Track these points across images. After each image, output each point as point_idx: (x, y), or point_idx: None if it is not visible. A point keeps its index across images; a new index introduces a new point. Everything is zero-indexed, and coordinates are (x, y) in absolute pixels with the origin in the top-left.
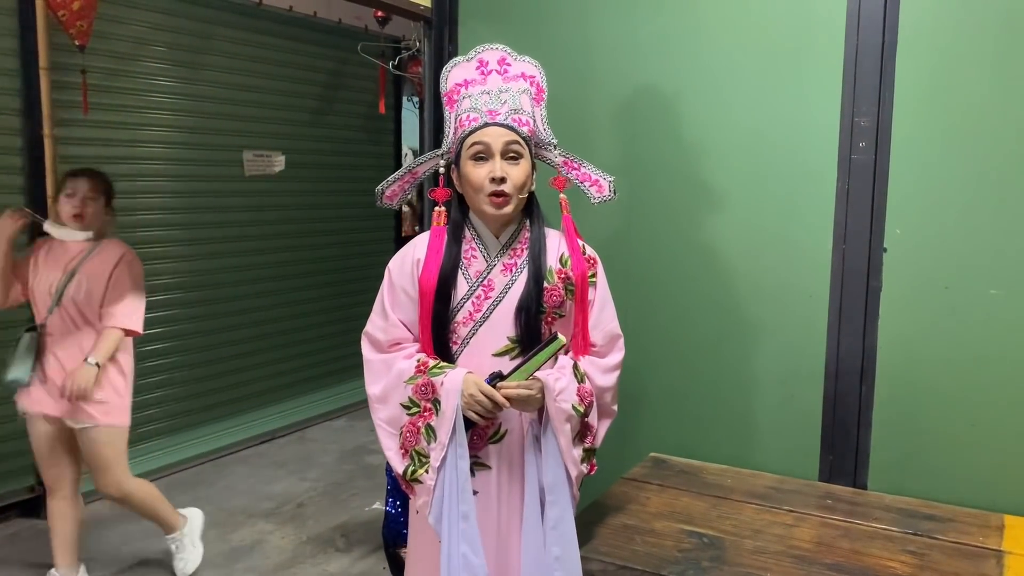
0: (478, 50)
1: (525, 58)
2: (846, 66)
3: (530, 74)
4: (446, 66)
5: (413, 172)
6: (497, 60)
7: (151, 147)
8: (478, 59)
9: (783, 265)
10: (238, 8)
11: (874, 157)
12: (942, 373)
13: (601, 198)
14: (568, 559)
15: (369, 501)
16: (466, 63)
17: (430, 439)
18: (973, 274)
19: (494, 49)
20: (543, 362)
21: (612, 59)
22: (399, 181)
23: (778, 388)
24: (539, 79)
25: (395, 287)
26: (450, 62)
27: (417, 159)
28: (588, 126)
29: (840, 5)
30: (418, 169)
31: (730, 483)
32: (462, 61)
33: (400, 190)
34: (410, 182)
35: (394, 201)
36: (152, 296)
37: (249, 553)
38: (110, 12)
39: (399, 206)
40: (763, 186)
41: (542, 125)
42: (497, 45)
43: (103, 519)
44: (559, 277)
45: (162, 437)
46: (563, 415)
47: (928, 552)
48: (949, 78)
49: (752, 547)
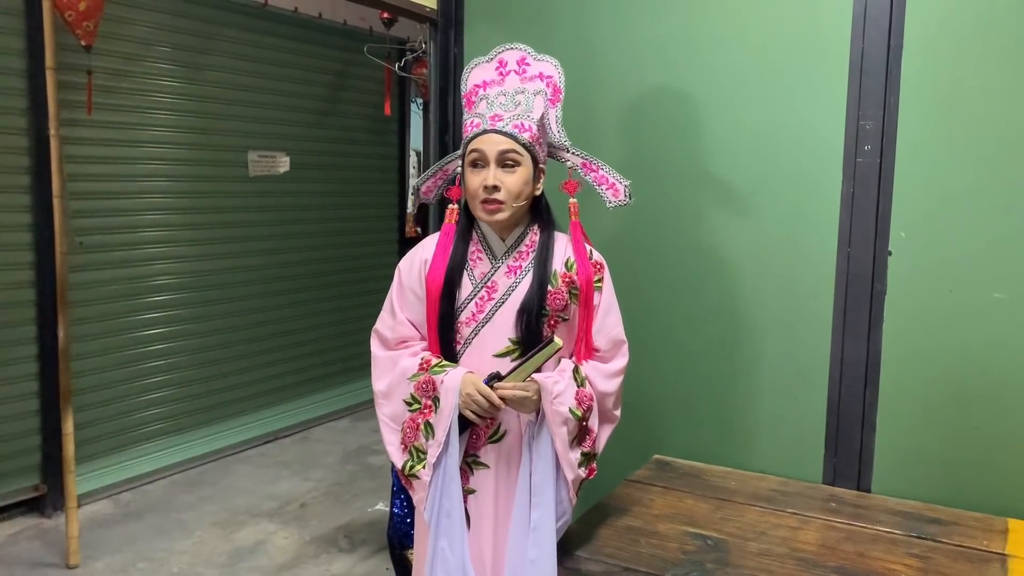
0: (498, 50)
1: (545, 58)
2: (851, 69)
3: (548, 74)
4: (467, 67)
5: (444, 169)
6: (517, 60)
7: (156, 147)
8: (498, 59)
9: (788, 268)
10: (243, 9)
11: (879, 160)
12: (946, 376)
13: (616, 203)
14: (543, 563)
15: (372, 502)
16: (486, 64)
17: (428, 435)
18: (978, 277)
19: (514, 49)
20: (540, 364)
21: (618, 61)
22: (432, 177)
23: (782, 391)
24: (556, 79)
25: (404, 286)
26: (471, 62)
27: (446, 157)
28: (593, 128)
29: (846, 8)
30: (448, 166)
31: (734, 485)
32: (483, 62)
33: (434, 186)
34: (443, 178)
35: (431, 196)
36: (155, 296)
37: (252, 553)
38: (116, 13)
39: (435, 200)
40: (768, 189)
41: (556, 127)
42: (519, 45)
43: (103, 519)
44: (563, 281)
45: (166, 436)
46: (560, 418)
47: (932, 555)
48: (954, 81)
49: (756, 549)
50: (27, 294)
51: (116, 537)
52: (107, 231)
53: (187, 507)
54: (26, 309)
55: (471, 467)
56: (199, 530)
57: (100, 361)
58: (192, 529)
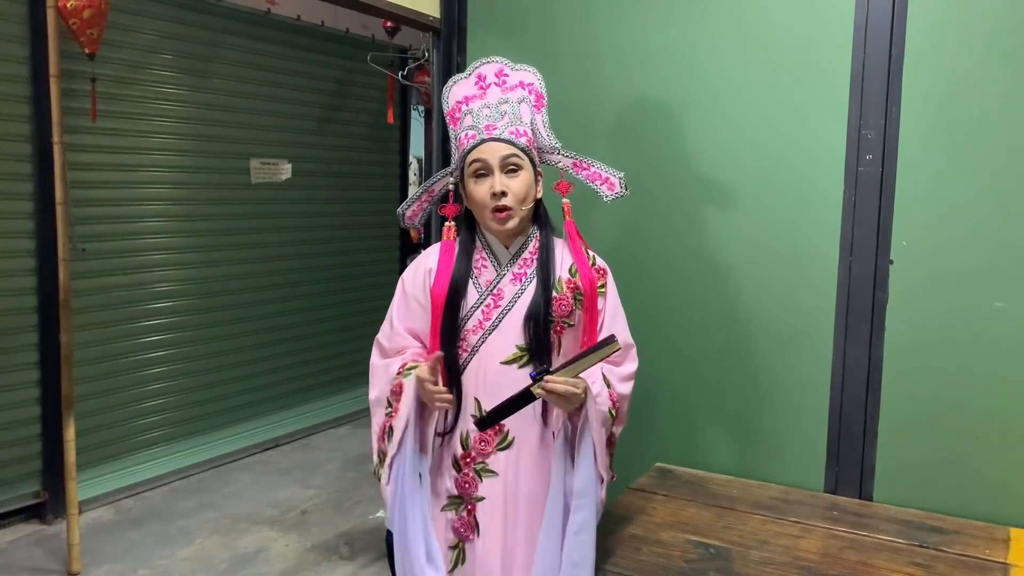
0: (475, 65)
1: (522, 66)
2: (853, 79)
3: (528, 82)
4: (446, 85)
5: (429, 191)
6: (495, 72)
7: (158, 154)
8: (476, 74)
9: (790, 276)
10: (246, 17)
11: (881, 170)
12: (948, 385)
13: (613, 195)
14: (585, 566)
15: (373, 509)
16: (465, 80)
17: (389, 437)
18: (979, 286)
19: (491, 62)
20: (594, 363)
21: (620, 70)
22: (417, 201)
23: (784, 399)
24: (537, 86)
25: (407, 296)
26: (450, 80)
27: (431, 178)
28: (594, 136)
29: (847, 18)
30: (434, 187)
31: (736, 494)
32: (461, 79)
33: (420, 209)
34: (428, 201)
35: (416, 220)
36: (156, 303)
37: (253, 560)
38: (120, 20)
39: (422, 223)
40: (770, 198)
41: (544, 131)
42: (494, 58)
43: (104, 526)
44: (568, 287)
45: (167, 443)
46: (601, 417)
47: (934, 564)
48: (956, 91)
49: (758, 558)
50: (29, 300)
51: (117, 544)
52: (109, 238)
53: (188, 514)
54: (28, 316)
55: (480, 475)
56: (200, 537)
57: (101, 368)
58: (193, 536)
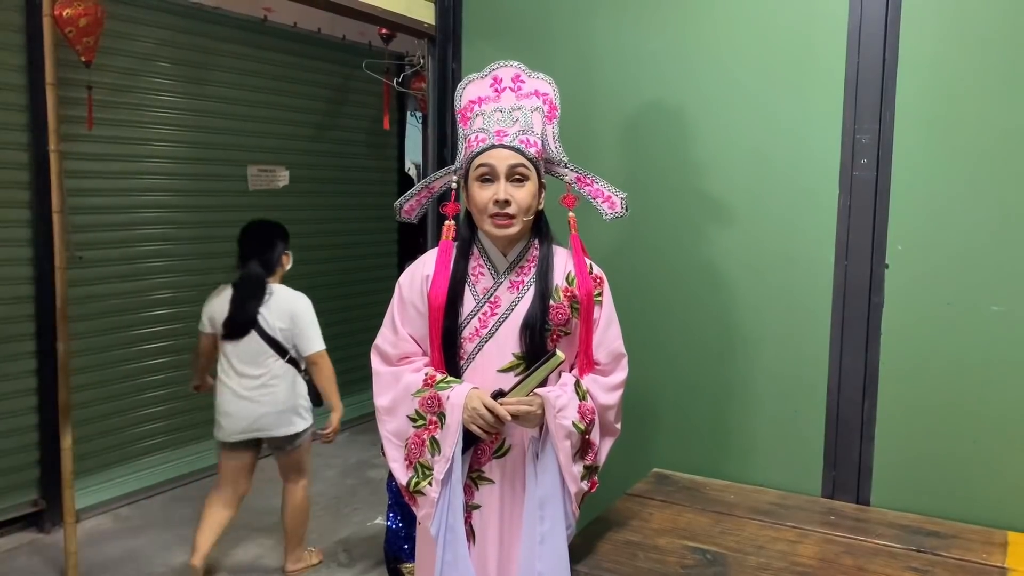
0: (493, 67)
1: (539, 75)
2: (847, 83)
3: (543, 91)
4: (461, 83)
5: (429, 188)
6: (511, 77)
7: (156, 162)
8: (492, 76)
9: (785, 281)
10: (243, 24)
11: (875, 174)
12: (944, 389)
13: (614, 215)
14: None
15: (371, 516)
16: (480, 80)
17: (434, 451)
18: (975, 290)
19: (508, 66)
20: (542, 378)
21: (615, 76)
22: (416, 196)
23: (780, 404)
24: (552, 96)
25: (405, 302)
26: (465, 79)
27: (433, 175)
28: (590, 142)
29: (841, 23)
30: (434, 184)
31: (733, 499)
32: (477, 78)
33: (417, 204)
34: (427, 197)
35: (412, 215)
36: (154, 310)
37: (251, 568)
38: (116, 28)
39: (417, 219)
40: (765, 202)
41: (553, 143)
42: (512, 62)
43: (102, 534)
44: (565, 296)
45: (165, 451)
46: (563, 431)
47: (931, 569)
48: (950, 95)
49: (755, 563)
50: (26, 308)
51: (115, 552)
52: (107, 246)
53: (186, 522)
54: (25, 324)
55: (476, 483)
56: None
57: (99, 375)
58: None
